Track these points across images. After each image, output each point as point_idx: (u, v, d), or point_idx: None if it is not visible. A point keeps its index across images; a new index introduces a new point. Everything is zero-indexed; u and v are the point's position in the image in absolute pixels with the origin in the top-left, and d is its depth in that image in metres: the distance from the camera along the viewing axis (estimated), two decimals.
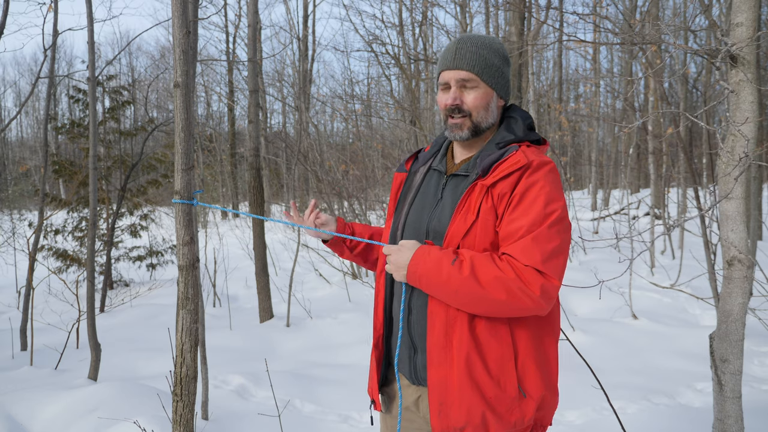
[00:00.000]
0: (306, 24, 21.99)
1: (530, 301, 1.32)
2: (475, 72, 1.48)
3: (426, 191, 1.60)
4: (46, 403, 3.32)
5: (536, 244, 1.33)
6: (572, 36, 3.23)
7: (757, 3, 2.08)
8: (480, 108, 1.50)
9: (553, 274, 1.33)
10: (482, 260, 1.35)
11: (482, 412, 1.39)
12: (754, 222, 6.37)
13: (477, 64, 1.48)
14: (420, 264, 1.40)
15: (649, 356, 4.43)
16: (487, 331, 1.40)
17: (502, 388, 1.40)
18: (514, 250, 1.35)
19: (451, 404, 1.41)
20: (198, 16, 3.32)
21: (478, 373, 1.39)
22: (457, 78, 1.49)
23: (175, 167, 1.86)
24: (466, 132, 1.51)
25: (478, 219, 1.41)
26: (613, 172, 19.02)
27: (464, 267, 1.34)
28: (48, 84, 5.94)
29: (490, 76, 1.50)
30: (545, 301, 1.33)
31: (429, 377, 1.45)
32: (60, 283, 9.08)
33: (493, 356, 1.40)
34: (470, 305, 1.37)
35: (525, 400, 1.41)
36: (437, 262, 1.38)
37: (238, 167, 23.23)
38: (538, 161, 1.41)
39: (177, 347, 1.91)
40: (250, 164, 6.18)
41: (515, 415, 1.40)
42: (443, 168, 1.60)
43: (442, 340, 1.43)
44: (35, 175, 24.23)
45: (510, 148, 1.46)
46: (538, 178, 1.39)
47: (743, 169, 2.07)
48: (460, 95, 1.50)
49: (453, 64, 1.49)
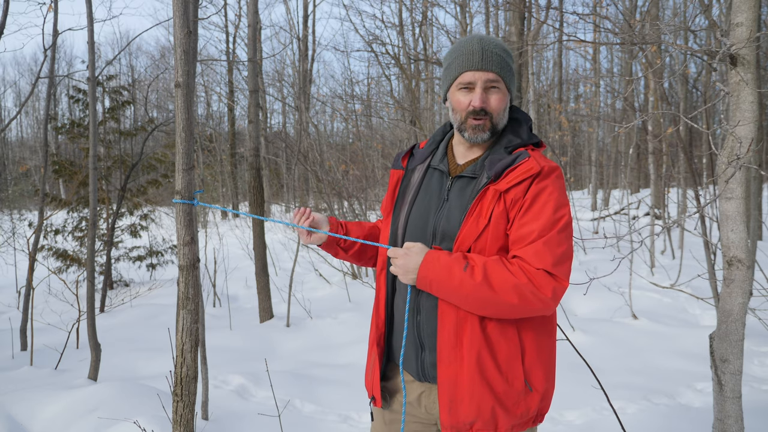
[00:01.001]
0: (306, 24, 21.99)
1: (541, 303, 1.38)
2: (501, 74, 1.51)
3: (428, 191, 1.59)
4: (46, 403, 3.32)
5: (547, 248, 1.38)
6: (572, 36, 3.23)
7: (757, 3, 2.08)
8: (501, 110, 1.53)
9: (563, 276, 1.40)
10: (494, 266, 1.39)
11: (492, 407, 1.45)
12: (754, 222, 6.37)
13: (503, 66, 1.52)
14: (431, 269, 1.43)
15: (649, 356, 4.43)
16: (497, 331, 1.45)
17: (510, 383, 1.46)
18: (526, 254, 1.39)
19: (461, 400, 1.46)
20: (198, 16, 3.32)
21: (489, 370, 1.45)
22: (485, 79, 1.50)
23: (176, 167, 1.86)
24: (487, 133, 1.53)
25: (490, 223, 1.44)
26: (613, 172, 19.02)
27: (476, 273, 1.38)
28: (48, 84, 5.94)
29: (510, 78, 1.54)
30: (555, 302, 1.40)
31: (439, 375, 1.49)
32: (60, 283, 9.07)
33: (502, 354, 1.46)
34: (481, 308, 1.41)
35: (531, 394, 1.49)
36: (448, 268, 1.40)
37: (238, 167, 23.22)
38: (548, 167, 1.46)
39: (177, 347, 1.91)
40: (250, 164, 6.18)
41: (521, 408, 1.48)
42: (445, 168, 1.59)
43: (452, 340, 1.47)
44: (35, 175, 24.23)
45: (521, 154, 1.49)
46: (548, 183, 1.44)
47: (745, 171, 2.07)
48: (484, 97, 1.51)
49: (481, 65, 1.49)
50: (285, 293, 7.46)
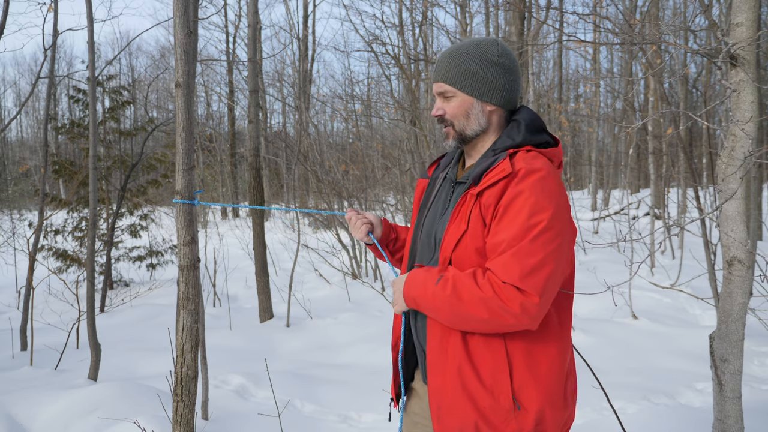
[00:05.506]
0: (306, 24, 21.99)
1: (512, 318, 1.31)
2: (448, 82, 1.52)
3: (439, 199, 1.62)
4: (46, 403, 3.32)
5: (515, 259, 1.31)
6: (572, 36, 3.24)
7: (757, 3, 2.08)
8: (459, 116, 1.52)
9: (532, 290, 1.29)
10: (463, 279, 1.36)
11: (474, 422, 1.40)
12: (754, 222, 6.37)
13: (450, 74, 1.51)
14: (412, 287, 1.46)
15: (649, 356, 4.43)
16: (480, 343, 1.41)
17: (495, 398, 1.39)
18: (495, 266, 1.34)
19: (448, 409, 1.44)
20: (198, 16, 3.32)
21: (471, 383, 1.40)
22: (438, 90, 1.54)
23: (176, 167, 1.86)
24: (452, 141, 1.56)
25: (468, 228, 1.42)
26: (613, 172, 19.02)
27: (447, 286, 1.37)
28: (48, 84, 5.94)
29: (465, 83, 1.50)
30: (528, 318, 1.31)
31: (429, 382, 1.50)
32: (60, 283, 9.07)
33: (486, 367, 1.40)
34: (458, 323, 1.40)
35: (520, 413, 1.39)
36: (423, 283, 1.43)
37: (238, 167, 23.22)
38: (525, 169, 1.37)
39: (177, 347, 1.91)
40: (250, 164, 6.18)
41: (511, 427, 1.39)
42: (453, 176, 1.62)
43: (438, 348, 1.47)
44: (35, 175, 24.19)
45: (500, 155, 1.45)
46: (524, 188, 1.35)
47: (746, 170, 2.07)
48: (443, 106, 1.54)
49: (433, 77, 1.56)
50: (285, 293, 7.46)
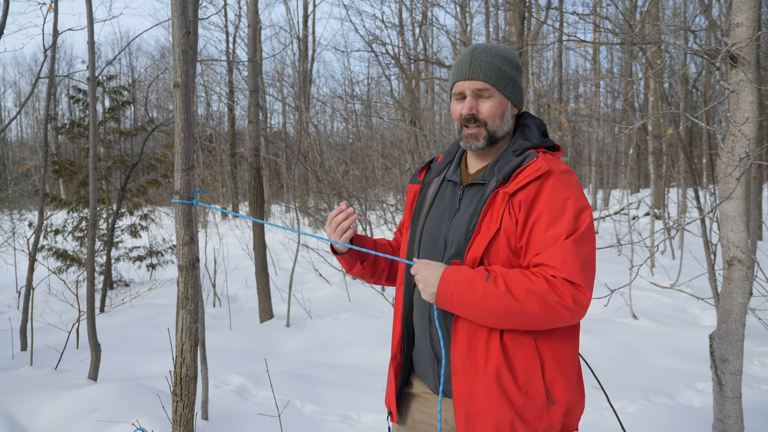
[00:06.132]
0: (306, 24, 21.98)
1: (567, 311, 1.33)
2: (490, 82, 1.49)
3: (442, 202, 1.59)
4: (46, 404, 3.32)
5: (574, 254, 1.33)
6: (572, 36, 3.23)
7: (757, 3, 2.08)
8: (496, 117, 1.51)
9: (584, 284, 1.33)
10: (512, 275, 1.35)
11: (510, 421, 1.40)
12: (754, 222, 6.37)
13: (492, 73, 1.49)
14: (452, 282, 1.38)
15: (649, 356, 4.43)
16: (513, 342, 1.40)
17: (529, 396, 1.40)
18: (551, 260, 1.34)
19: (478, 413, 1.41)
20: (198, 16, 3.32)
21: (507, 383, 1.39)
22: (473, 88, 1.50)
23: (175, 167, 1.86)
24: (482, 141, 1.51)
25: (501, 228, 1.41)
26: (613, 172, 19.02)
27: (499, 282, 1.34)
28: (48, 84, 5.94)
29: (505, 85, 1.51)
30: (582, 311, 1.35)
31: (454, 387, 1.45)
32: (60, 283, 9.07)
33: (520, 366, 1.40)
34: (505, 320, 1.37)
35: (553, 408, 1.41)
36: (470, 281, 1.37)
37: (238, 167, 23.21)
38: (559, 169, 1.42)
39: (177, 347, 1.91)
40: (250, 164, 6.17)
41: (543, 423, 1.41)
42: (458, 179, 1.58)
43: (466, 351, 1.43)
44: (35, 175, 24.19)
45: (529, 155, 1.46)
46: (563, 185, 1.39)
47: (744, 169, 2.07)
48: (475, 105, 1.50)
49: (468, 74, 1.50)
50: (285, 293, 7.46)
